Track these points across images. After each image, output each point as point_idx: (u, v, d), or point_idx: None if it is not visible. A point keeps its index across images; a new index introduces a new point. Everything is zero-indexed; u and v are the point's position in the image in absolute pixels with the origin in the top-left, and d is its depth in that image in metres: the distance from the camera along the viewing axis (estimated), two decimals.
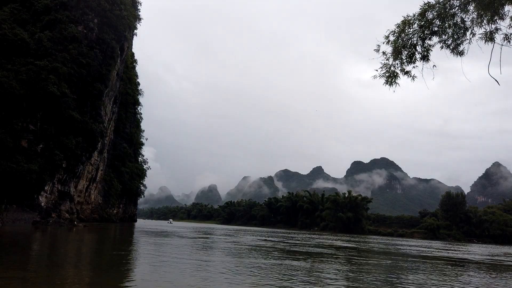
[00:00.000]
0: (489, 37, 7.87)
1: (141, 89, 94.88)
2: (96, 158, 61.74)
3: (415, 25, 8.53)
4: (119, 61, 64.84)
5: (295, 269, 15.97)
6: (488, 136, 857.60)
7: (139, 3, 77.60)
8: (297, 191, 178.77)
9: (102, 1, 58.39)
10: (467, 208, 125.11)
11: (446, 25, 8.34)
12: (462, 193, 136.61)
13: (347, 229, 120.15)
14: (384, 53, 8.90)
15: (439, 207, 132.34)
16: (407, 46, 8.69)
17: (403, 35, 8.65)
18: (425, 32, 8.48)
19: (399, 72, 8.91)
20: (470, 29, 8.24)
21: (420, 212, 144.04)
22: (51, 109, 47.02)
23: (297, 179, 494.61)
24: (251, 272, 14.31)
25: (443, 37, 8.53)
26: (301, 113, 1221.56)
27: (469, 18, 8.19)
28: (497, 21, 7.80)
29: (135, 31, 75.80)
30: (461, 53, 8.51)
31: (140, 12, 77.70)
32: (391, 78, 8.95)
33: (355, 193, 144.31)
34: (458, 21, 8.26)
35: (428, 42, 8.61)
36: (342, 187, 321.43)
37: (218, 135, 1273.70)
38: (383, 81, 8.98)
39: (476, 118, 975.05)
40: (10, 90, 43.20)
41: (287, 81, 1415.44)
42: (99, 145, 59.49)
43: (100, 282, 11.26)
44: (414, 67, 8.81)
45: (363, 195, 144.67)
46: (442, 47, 8.62)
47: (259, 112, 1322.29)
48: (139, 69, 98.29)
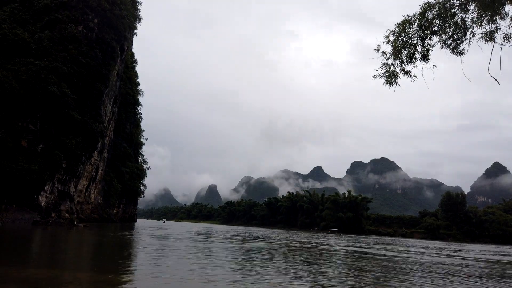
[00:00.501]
0: (489, 37, 7.86)
1: (141, 89, 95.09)
2: (96, 158, 61.74)
3: (415, 24, 8.53)
4: (119, 61, 64.86)
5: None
6: (488, 136, 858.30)
7: (139, 3, 77.69)
8: (297, 191, 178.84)
9: (102, 1, 58.43)
10: (467, 208, 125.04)
11: (446, 24, 8.33)
12: (462, 193, 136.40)
13: (347, 229, 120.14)
14: (384, 53, 8.91)
15: (439, 207, 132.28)
16: (407, 46, 8.68)
17: (403, 34, 8.65)
18: (425, 31, 8.47)
19: (399, 71, 8.92)
20: (470, 29, 8.24)
21: (420, 212, 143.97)
22: (51, 109, 47.01)
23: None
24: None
25: (443, 36, 8.53)
26: None
27: (469, 17, 8.19)
28: (497, 20, 7.80)
29: (135, 31, 75.91)
30: (461, 53, 8.51)
31: (140, 12, 77.88)
32: (391, 78, 8.95)
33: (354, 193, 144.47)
34: (458, 20, 8.25)
35: (428, 41, 8.61)
36: (342, 187, 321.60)
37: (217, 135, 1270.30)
38: (383, 80, 8.99)
39: None
40: (10, 90, 43.20)
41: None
42: (99, 145, 59.54)
43: (100, 282, 11.24)
44: (414, 66, 8.82)
45: (363, 195, 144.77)
46: (442, 47, 8.62)
47: None
48: (137, 68, 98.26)
